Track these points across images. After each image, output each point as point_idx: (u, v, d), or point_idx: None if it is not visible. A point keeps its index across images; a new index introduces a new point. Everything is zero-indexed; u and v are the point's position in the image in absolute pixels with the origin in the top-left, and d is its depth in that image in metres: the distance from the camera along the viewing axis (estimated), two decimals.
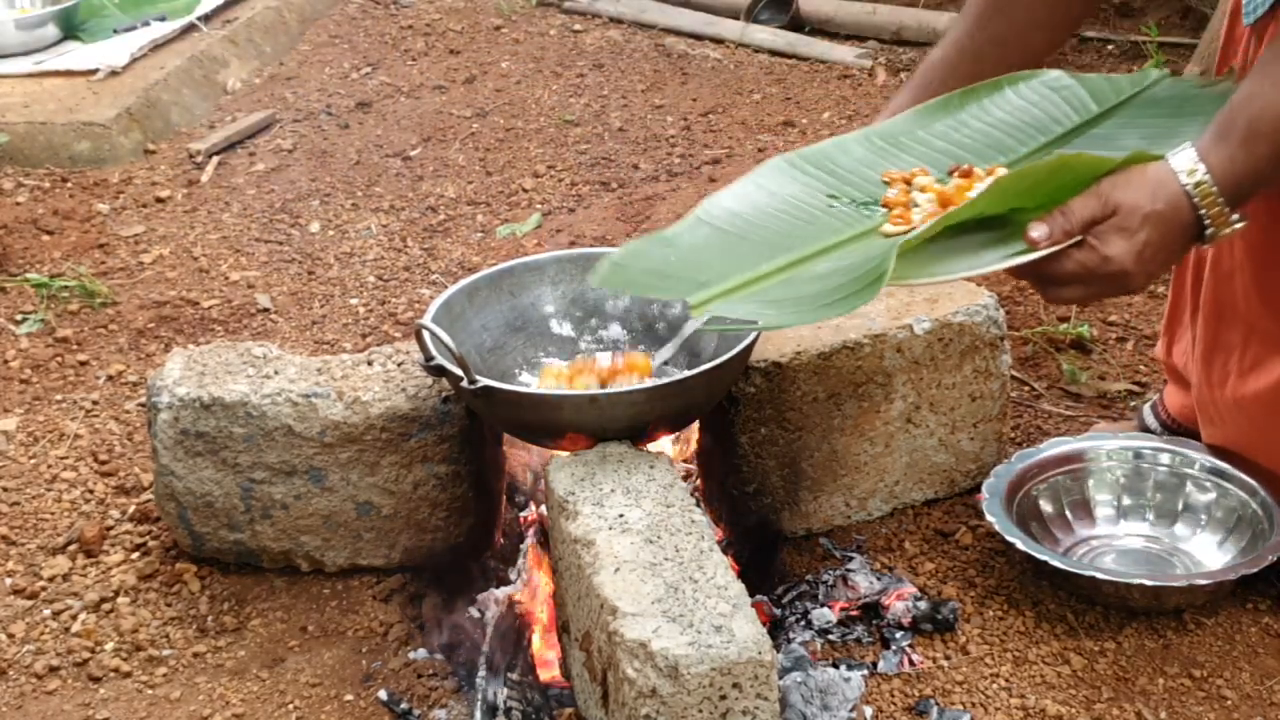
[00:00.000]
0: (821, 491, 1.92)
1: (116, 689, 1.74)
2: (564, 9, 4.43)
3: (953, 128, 1.68)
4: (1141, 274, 1.41)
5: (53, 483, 2.14)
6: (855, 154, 1.66)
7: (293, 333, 2.63)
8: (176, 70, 3.74)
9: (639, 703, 1.38)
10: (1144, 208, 1.39)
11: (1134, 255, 1.39)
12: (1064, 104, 1.70)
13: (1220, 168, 1.39)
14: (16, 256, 2.89)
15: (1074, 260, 1.40)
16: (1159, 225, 1.40)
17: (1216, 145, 1.40)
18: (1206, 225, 1.41)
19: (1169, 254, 1.44)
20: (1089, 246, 1.40)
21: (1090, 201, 1.40)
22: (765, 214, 1.58)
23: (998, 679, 1.68)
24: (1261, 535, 1.79)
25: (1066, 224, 1.40)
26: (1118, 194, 1.40)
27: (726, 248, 1.53)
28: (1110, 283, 1.42)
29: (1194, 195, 1.40)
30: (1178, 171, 1.40)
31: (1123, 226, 1.39)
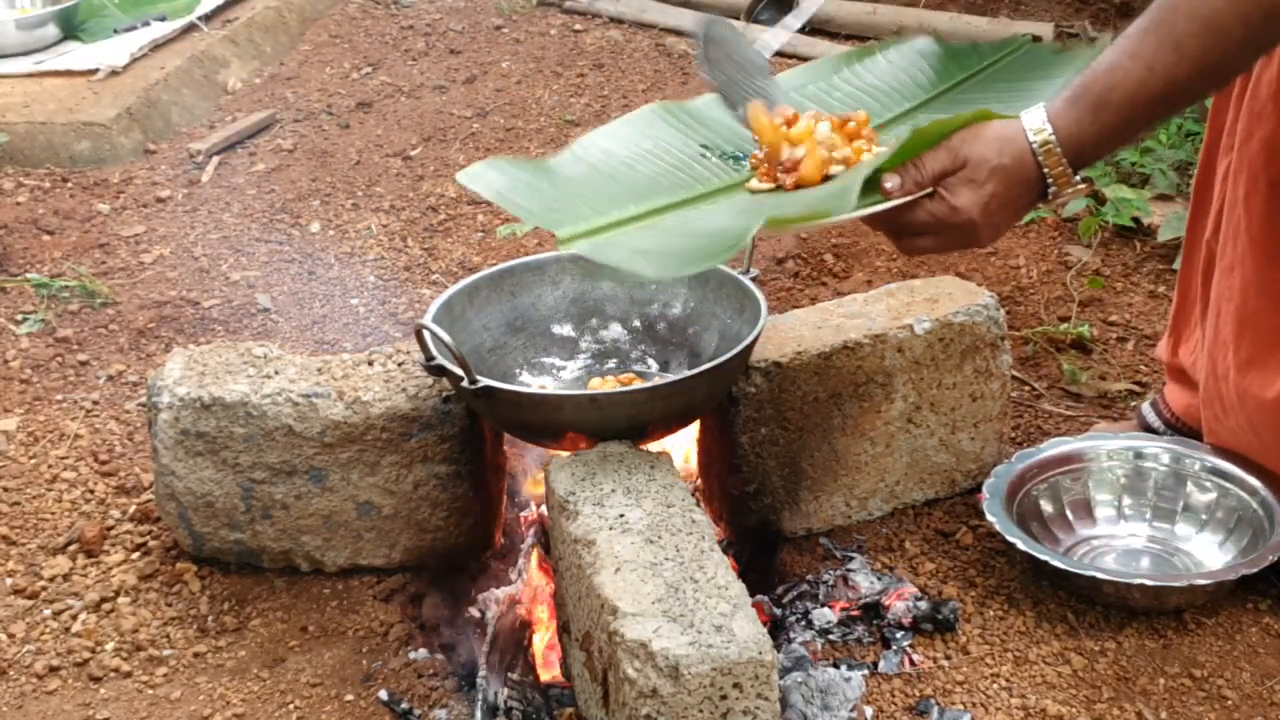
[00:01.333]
0: (822, 491, 1.92)
1: (117, 689, 1.74)
2: (564, 9, 4.43)
3: (825, 90, 1.75)
4: (987, 225, 1.47)
5: (53, 483, 2.14)
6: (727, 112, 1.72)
7: (293, 333, 2.63)
8: (177, 70, 3.74)
9: (639, 703, 1.38)
10: (990, 161, 1.45)
11: (980, 206, 1.45)
12: (929, 69, 1.77)
13: (1066, 130, 1.44)
14: (17, 256, 2.89)
15: (925, 210, 1.47)
16: (1004, 179, 1.45)
17: (1067, 108, 1.45)
18: (1049, 183, 1.46)
19: (1013, 208, 1.49)
20: (939, 197, 1.46)
21: (941, 155, 1.46)
22: (638, 157, 1.64)
23: (998, 679, 1.68)
24: (1262, 535, 1.79)
25: (918, 175, 1.46)
26: (966, 148, 1.45)
27: (597, 185, 1.59)
28: (958, 233, 1.48)
29: (1039, 153, 1.45)
30: (1026, 129, 1.45)
31: (971, 178, 1.45)
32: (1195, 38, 1.39)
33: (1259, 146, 1.71)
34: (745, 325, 1.76)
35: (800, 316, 1.94)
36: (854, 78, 1.77)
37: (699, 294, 1.89)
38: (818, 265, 2.77)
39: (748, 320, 1.76)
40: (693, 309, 1.90)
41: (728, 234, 1.46)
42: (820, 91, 1.75)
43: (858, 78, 1.77)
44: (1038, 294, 2.63)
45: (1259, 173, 1.71)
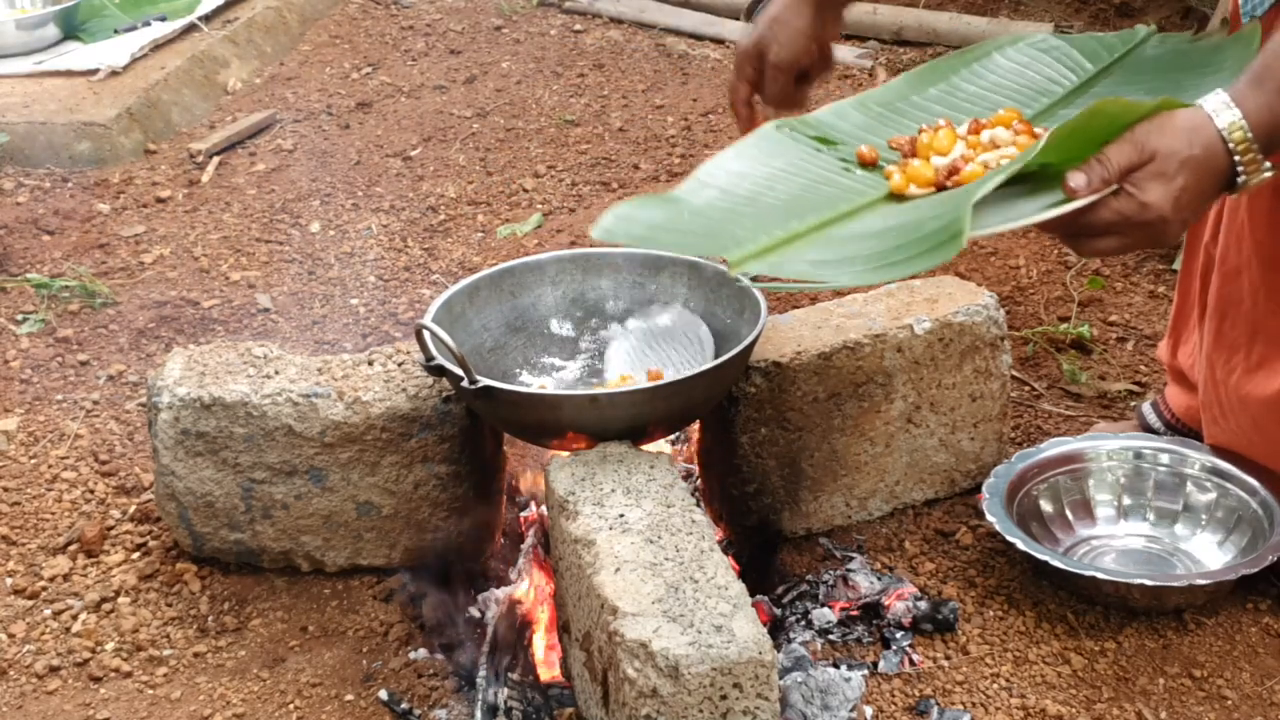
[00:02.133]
0: (821, 491, 1.92)
1: (117, 689, 1.74)
2: (564, 9, 4.43)
3: (947, 92, 1.67)
4: (1177, 221, 1.39)
5: (53, 483, 2.14)
6: (853, 119, 1.65)
7: (293, 333, 2.63)
8: (177, 70, 3.74)
9: (639, 703, 1.38)
10: (1181, 153, 1.36)
11: (1171, 200, 1.37)
12: (1058, 64, 1.69)
13: (1256, 114, 1.38)
14: (17, 256, 2.89)
15: (1111, 209, 1.37)
16: (1195, 170, 1.37)
17: (1252, 91, 1.38)
18: (1239, 172, 1.39)
19: (1203, 200, 1.42)
20: (1126, 194, 1.37)
21: (1127, 148, 1.37)
22: (774, 177, 1.55)
23: (998, 679, 1.68)
24: (1261, 535, 1.79)
25: (1105, 172, 1.36)
26: (1153, 140, 1.37)
27: (741, 209, 1.50)
28: (1147, 230, 1.39)
29: (1229, 140, 1.38)
30: (1214, 116, 1.38)
31: (1160, 172, 1.37)
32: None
33: None
34: (745, 325, 1.76)
35: (800, 316, 1.94)
36: (976, 78, 1.68)
37: (699, 294, 1.89)
38: None
39: (748, 320, 1.76)
40: (692, 309, 1.90)
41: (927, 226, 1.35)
42: (942, 94, 1.67)
43: (980, 78, 1.68)
44: (1038, 294, 2.63)
45: None
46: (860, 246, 1.39)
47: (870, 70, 3.85)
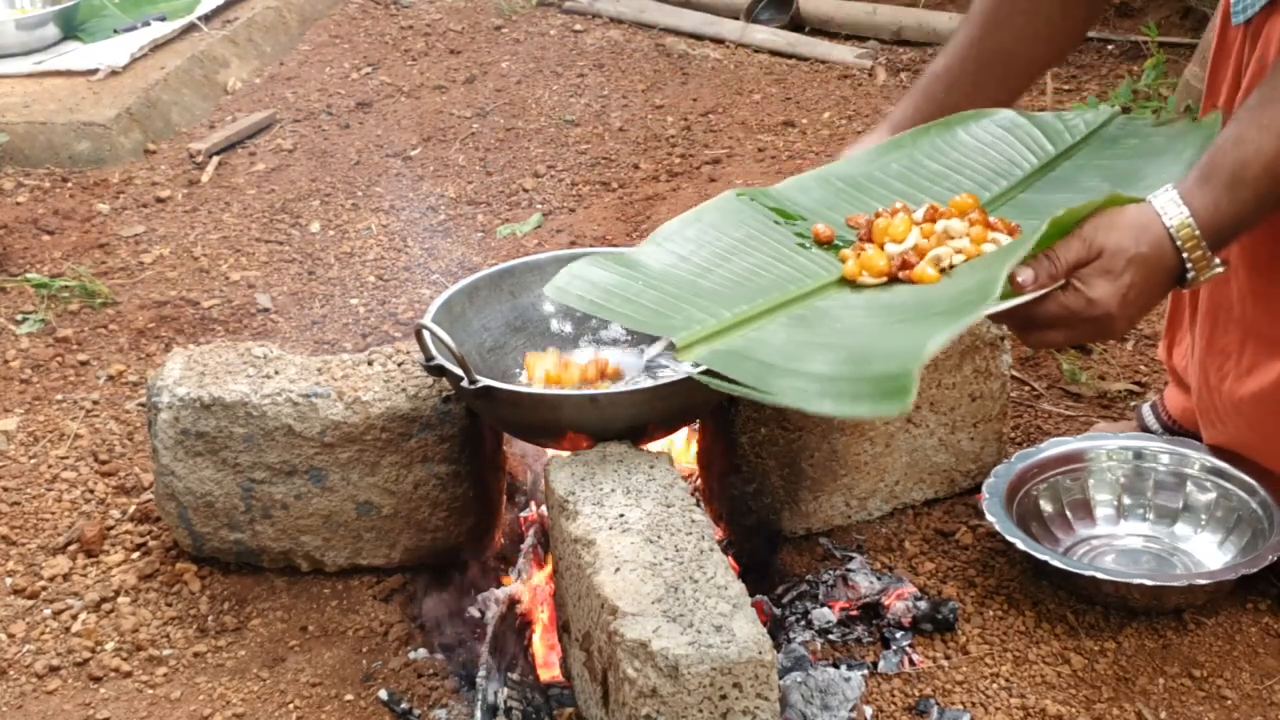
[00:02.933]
0: (821, 491, 1.92)
1: (117, 689, 1.74)
2: (564, 9, 4.43)
3: (909, 169, 1.68)
4: (1124, 318, 1.41)
5: (53, 483, 2.14)
6: (814, 194, 1.66)
7: (293, 333, 2.63)
8: (176, 70, 3.74)
9: (639, 703, 1.38)
10: (1128, 250, 1.39)
11: (1118, 298, 1.39)
12: (1019, 144, 1.70)
13: (1204, 212, 1.39)
14: (16, 256, 2.89)
15: (1058, 303, 1.40)
16: (1143, 268, 1.39)
17: (1200, 188, 1.40)
18: (1188, 269, 1.41)
19: (1151, 297, 1.43)
20: (1074, 289, 1.39)
21: (1075, 244, 1.39)
22: (731, 249, 1.55)
23: (998, 679, 1.68)
24: (1261, 535, 1.79)
25: (1052, 267, 1.39)
26: (1101, 237, 1.39)
27: (693, 281, 1.50)
28: (1093, 326, 1.41)
29: (1177, 239, 1.39)
30: (1162, 214, 1.39)
31: (1107, 269, 1.39)
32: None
33: None
34: None
35: None
36: (939, 154, 1.69)
37: None
38: None
39: None
40: None
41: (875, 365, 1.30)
42: (904, 170, 1.67)
43: (943, 154, 1.68)
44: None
45: None
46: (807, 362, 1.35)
47: (870, 70, 3.85)
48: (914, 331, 1.34)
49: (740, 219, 1.60)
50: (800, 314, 1.46)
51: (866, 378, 1.29)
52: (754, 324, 1.44)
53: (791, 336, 1.42)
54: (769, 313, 1.46)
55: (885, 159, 1.70)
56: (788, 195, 1.65)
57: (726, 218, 1.60)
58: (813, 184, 1.67)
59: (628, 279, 1.50)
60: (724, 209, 1.61)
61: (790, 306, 1.47)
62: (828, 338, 1.40)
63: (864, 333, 1.41)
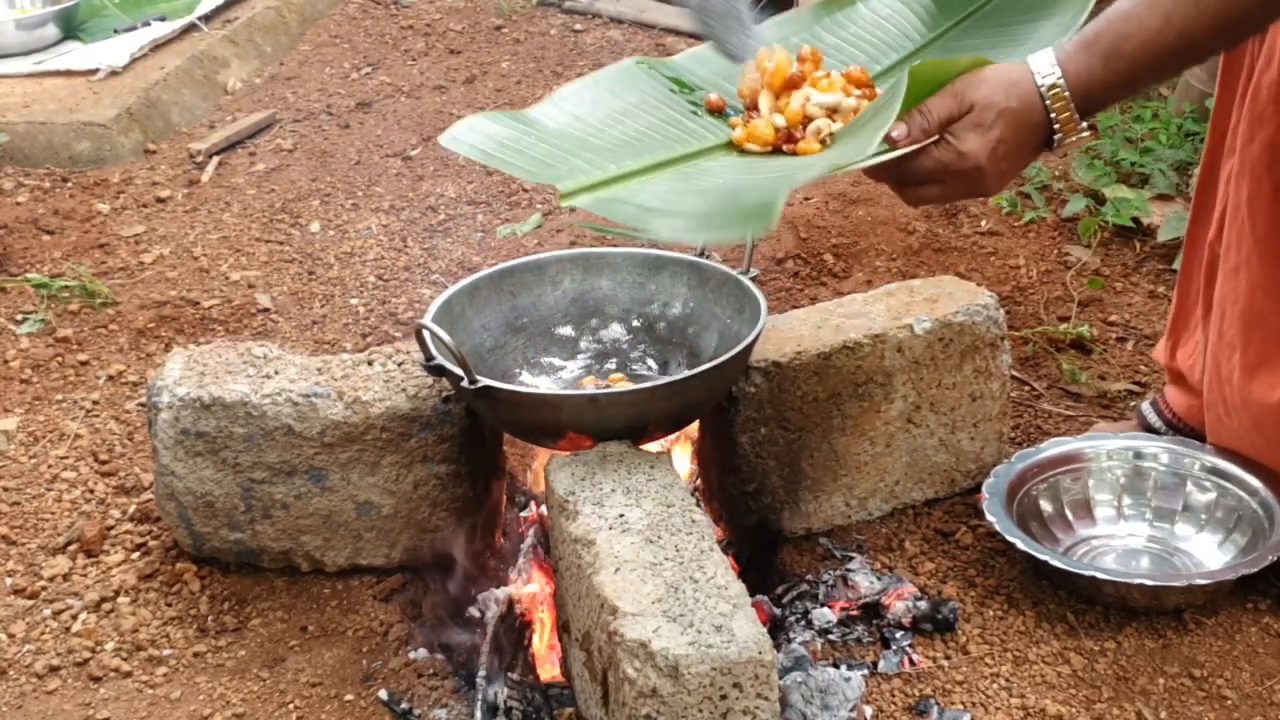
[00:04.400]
0: (821, 491, 1.92)
1: (117, 689, 1.74)
2: (564, 9, 4.43)
3: (808, 40, 1.72)
4: (994, 172, 1.44)
5: (53, 483, 2.14)
6: (711, 65, 1.71)
7: (293, 333, 2.63)
8: (176, 70, 3.74)
9: (639, 703, 1.38)
10: (998, 104, 1.42)
11: (988, 151, 1.42)
12: (914, 17, 1.74)
13: (1076, 75, 1.42)
14: (16, 256, 2.89)
15: (931, 157, 1.43)
16: (1011, 122, 1.42)
17: (1078, 53, 1.43)
18: (1055, 129, 1.44)
19: (1020, 154, 1.46)
20: (945, 143, 1.43)
21: (947, 100, 1.42)
22: (625, 111, 1.61)
23: (998, 679, 1.68)
24: (1261, 535, 1.79)
25: (924, 122, 1.42)
26: (972, 92, 1.42)
27: (586, 138, 1.55)
28: (965, 179, 1.45)
29: (1046, 97, 1.42)
30: (1035, 72, 1.43)
31: (978, 123, 1.42)
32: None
33: (1261, 149, 1.71)
34: (745, 325, 1.76)
35: (800, 316, 1.94)
36: (837, 27, 1.74)
37: (699, 294, 1.89)
38: (817, 265, 2.77)
39: (747, 320, 1.76)
40: (692, 309, 1.90)
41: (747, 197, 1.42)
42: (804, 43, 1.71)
43: (841, 27, 1.74)
44: (1037, 294, 2.63)
45: (1262, 175, 1.71)
46: (685, 203, 1.45)
47: None
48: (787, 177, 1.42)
49: (637, 85, 1.66)
50: (685, 171, 1.52)
51: (737, 209, 1.40)
52: (638, 178, 1.50)
53: (672, 187, 1.48)
54: (654, 169, 1.52)
55: (784, 31, 1.74)
56: (686, 66, 1.71)
57: (624, 83, 1.66)
58: (711, 55, 1.72)
59: (521, 133, 1.55)
60: (622, 75, 1.67)
61: (675, 165, 1.53)
62: (706, 186, 1.48)
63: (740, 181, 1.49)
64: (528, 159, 1.52)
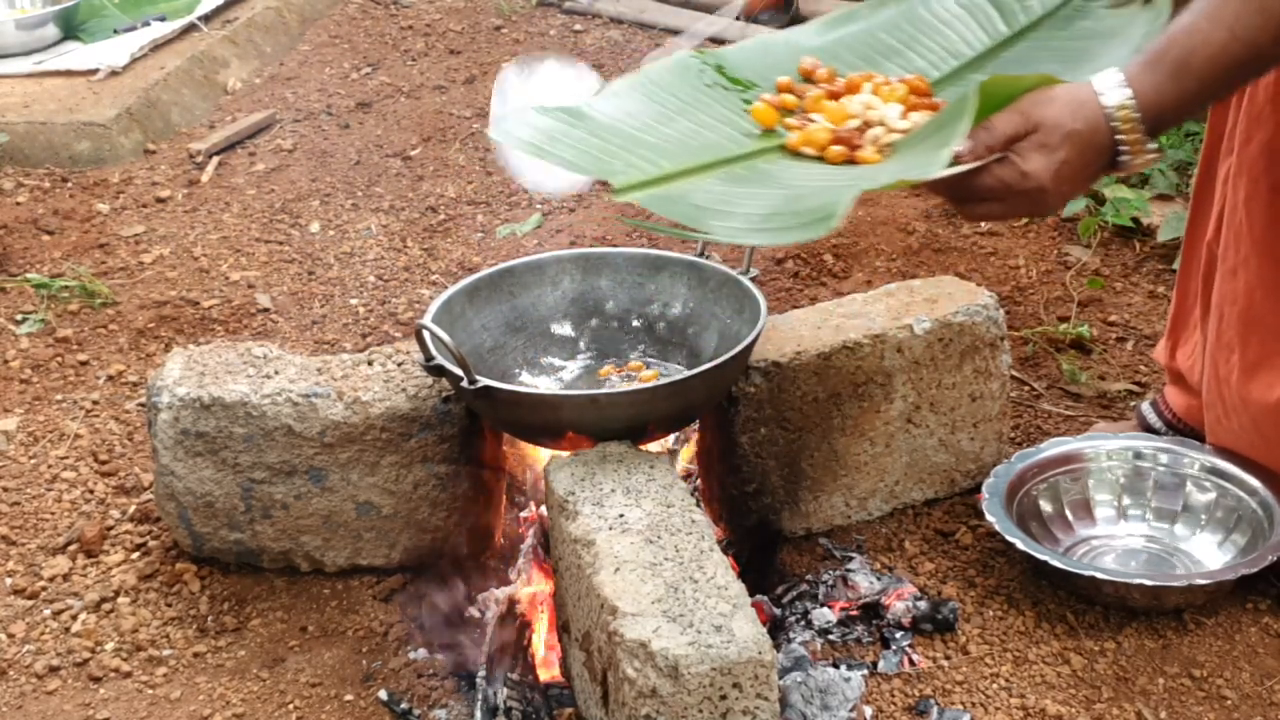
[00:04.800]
0: (821, 491, 1.92)
1: (117, 689, 1.74)
2: (564, 9, 4.43)
3: (865, 43, 1.69)
4: (1056, 193, 1.42)
5: (53, 483, 2.14)
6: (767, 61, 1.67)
7: (293, 333, 2.63)
8: (176, 70, 3.74)
9: (639, 703, 1.38)
10: (1065, 126, 1.39)
11: (1052, 172, 1.40)
12: (974, 23, 1.70)
13: (1145, 95, 1.39)
14: (16, 256, 2.89)
15: (993, 175, 1.40)
16: (1077, 144, 1.40)
17: (1145, 72, 1.40)
18: (1122, 151, 1.42)
19: (1084, 175, 1.44)
20: (1009, 162, 1.40)
21: (1013, 118, 1.40)
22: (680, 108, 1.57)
23: (998, 679, 1.68)
24: (1261, 535, 1.79)
25: (989, 139, 1.40)
26: (1039, 111, 1.40)
27: (638, 135, 1.51)
28: (1026, 199, 1.42)
29: (1115, 119, 1.40)
30: (1101, 93, 1.40)
31: (1043, 143, 1.39)
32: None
33: (1258, 150, 1.71)
34: (745, 325, 1.76)
35: (800, 316, 1.94)
36: (895, 30, 1.69)
37: (699, 294, 1.89)
38: (817, 265, 2.77)
39: (747, 320, 1.76)
40: (692, 309, 1.90)
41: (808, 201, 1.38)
42: (860, 43, 1.67)
43: (899, 30, 1.69)
44: (1037, 294, 2.63)
45: (1259, 176, 1.71)
46: (742, 205, 1.41)
47: None
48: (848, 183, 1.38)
49: (689, 81, 1.62)
50: (740, 172, 1.49)
51: (797, 211, 1.36)
52: (693, 176, 1.46)
53: (728, 188, 1.45)
54: (709, 168, 1.48)
55: (842, 31, 1.71)
56: (741, 60, 1.67)
57: (677, 79, 1.62)
58: (766, 50, 1.69)
59: (572, 126, 1.51)
60: (676, 70, 1.63)
61: (730, 165, 1.50)
62: (762, 189, 1.44)
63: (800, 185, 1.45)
64: (578, 153, 1.48)
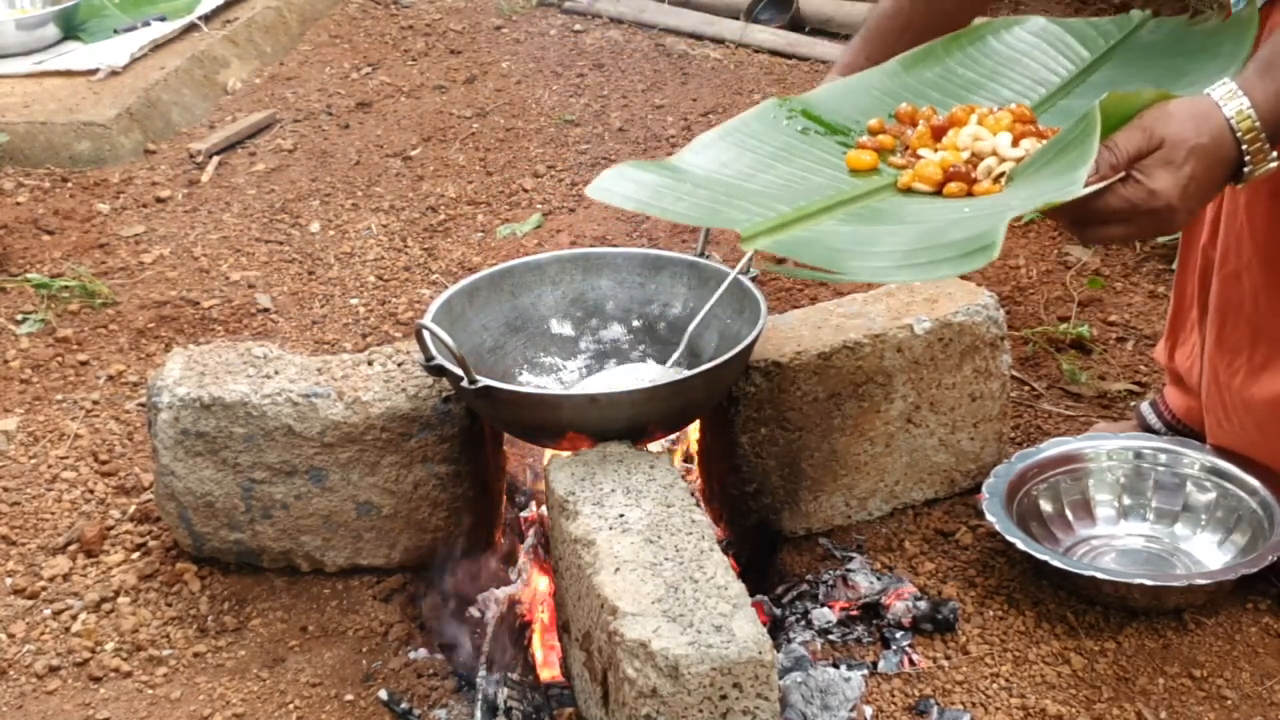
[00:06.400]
0: (821, 491, 1.92)
1: (117, 689, 1.74)
2: (564, 9, 4.43)
3: (943, 77, 1.67)
4: (1184, 209, 1.38)
5: (53, 483, 2.14)
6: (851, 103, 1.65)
7: (293, 333, 2.63)
8: (176, 70, 3.74)
9: (639, 703, 1.38)
10: (1189, 140, 1.36)
11: (1179, 189, 1.36)
12: (1053, 50, 1.68)
13: (1265, 103, 1.37)
14: (17, 256, 2.89)
15: (1119, 196, 1.36)
16: (1203, 159, 1.37)
17: (1260, 80, 1.38)
18: (1246, 161, 1.39)
19: (1210, 189, 1.41)
20: (1135, 181, 1.36)
21: (1135, 135, 1.36)
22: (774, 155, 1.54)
23: (998, 679, 1.68)
24: (1261, 535, 1.79)
25: (1113, 158, 1.36)
26: (1161, 127, 1.36)
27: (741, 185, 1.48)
28: (1154, 218, 1.38)
29: (1237, 129, 1.37)
30: (1222, 105, 1.38)
31: (1169, 160, 1.36)
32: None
33: None
34: (745, 325, 1.76)
35: (800, 316, 1.94)
36: (972, 63, 1.67)
37: (699, 294, 1.89)
38: None
39: (748, 320, 1.76)
40: (692, 309, 1.90)
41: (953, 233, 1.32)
42: (938, 78, 1.66)
43: (977, 64, 1.67)
44: (1038, 294, 2.63)
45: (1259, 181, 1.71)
46: (879, 243, 1.37)
47: None
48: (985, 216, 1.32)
49: (779, 128, 1.59)
50: (859, 211, 1.45)
51: (945, 244, 1.30)
52: (813, 219, 1.42)
53: (855, 228, 1.41)
54: (827, 210, 1.44)
55: (919, 68, 1.68)
56: (825, 104, 1.64)
57: (766, 126, 1.59)
58: (848, 92, 1.66)
59: (674, 180, 1.48)
60: (763, 119, 1.60)
61: (847, 206, 1.46)
62: (894, 225, 1.40)
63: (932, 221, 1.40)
64: (689, 205, 1.45)
